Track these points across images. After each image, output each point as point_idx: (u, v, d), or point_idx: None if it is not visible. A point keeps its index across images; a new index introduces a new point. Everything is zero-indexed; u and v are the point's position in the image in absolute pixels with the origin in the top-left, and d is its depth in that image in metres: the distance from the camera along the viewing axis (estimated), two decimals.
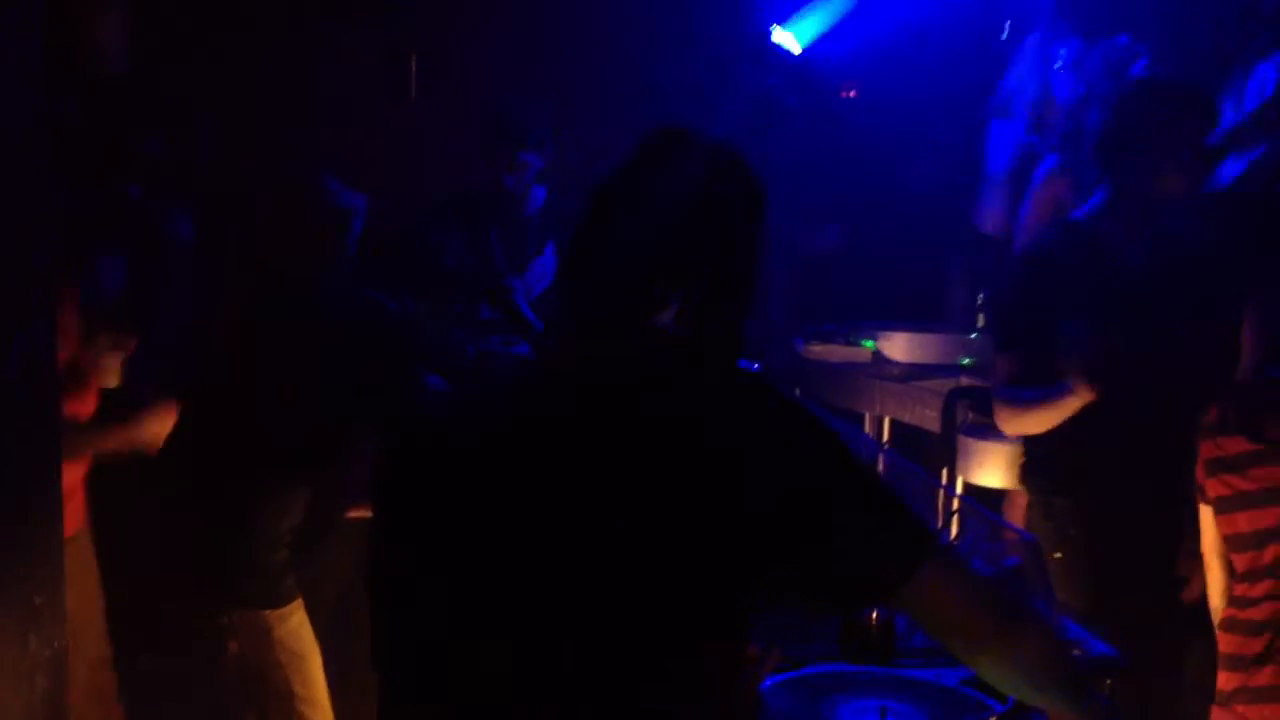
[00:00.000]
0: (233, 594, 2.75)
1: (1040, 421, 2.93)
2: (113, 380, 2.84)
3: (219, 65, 4.00)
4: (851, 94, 5.38)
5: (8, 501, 1.95)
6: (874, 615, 2.10)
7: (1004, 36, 4.26)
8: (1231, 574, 2.55)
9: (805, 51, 4.57)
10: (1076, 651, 2.20)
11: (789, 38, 4.49)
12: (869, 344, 4.41)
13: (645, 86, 4.56)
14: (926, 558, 1.46)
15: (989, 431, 3.43)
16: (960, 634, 1.53)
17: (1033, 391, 2.92)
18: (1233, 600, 2.53)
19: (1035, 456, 3.13)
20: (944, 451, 3.69)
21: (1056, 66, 3.98)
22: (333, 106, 4.43)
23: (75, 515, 2.77)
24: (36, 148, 1.93)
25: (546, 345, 1.62)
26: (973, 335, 4.36)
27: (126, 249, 2.87)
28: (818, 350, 4.42)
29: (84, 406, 2.67)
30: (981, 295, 4.42)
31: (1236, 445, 2.47)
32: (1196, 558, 2.72)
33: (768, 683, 1.91)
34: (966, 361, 4.20)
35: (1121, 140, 2.94)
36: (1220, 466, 2.50)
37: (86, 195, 2.78)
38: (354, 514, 2.89)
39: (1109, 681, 2.20)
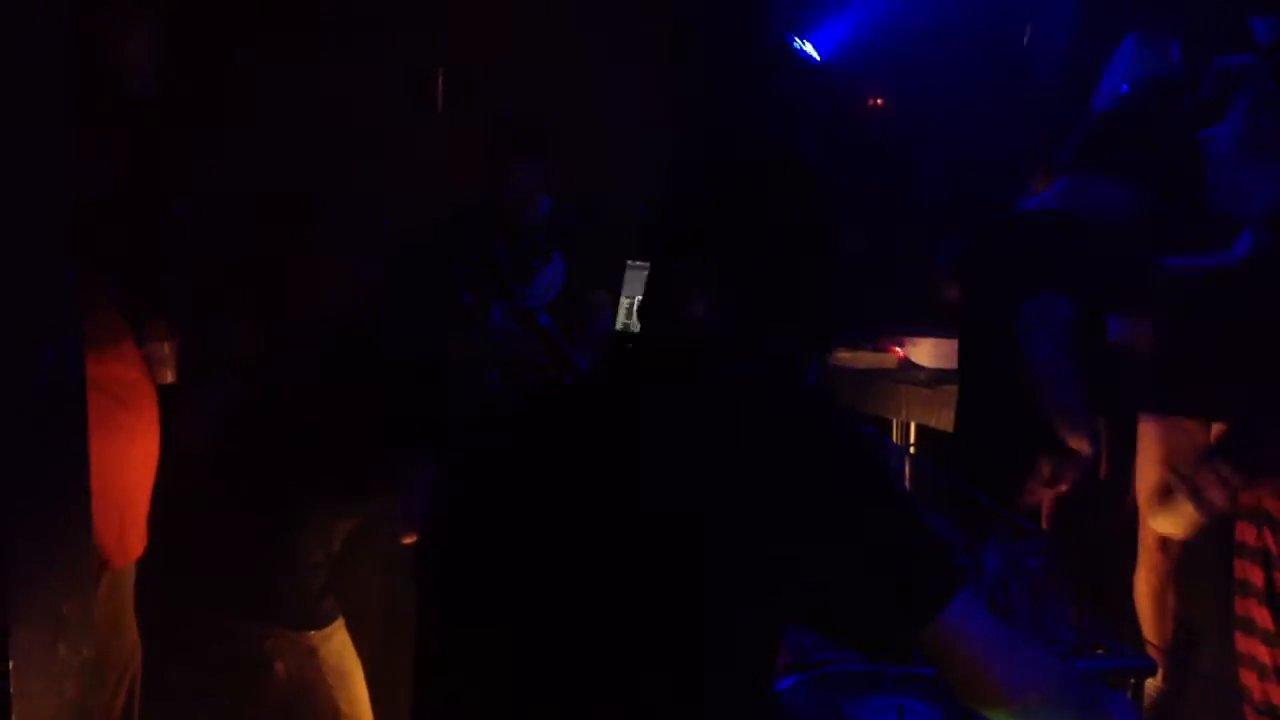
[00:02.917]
0: (275, 618, 2.80)
1: None
2: (170, 375, 2.88)
3: (245, 81, 4.04)
4: (879, 102, 5.38)
5: (38, 511, 1.98)
6: None
7: (1025, 40, 4.26)
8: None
9: (828, 59, 4.59)
10: (1100, 650, 2.20)
11: (809, 46, 4.50)
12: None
13: (666, 96, 4.59)
14: (946, 602, 1.44)
15: None
16: (971, 688, 1.53)
17: None
18: None
19: None
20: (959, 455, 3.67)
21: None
22: (360, 123, 4.47)
23: (140, 539, 2.82)
24: (58, 162, 1.97)
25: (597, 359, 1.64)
26: None
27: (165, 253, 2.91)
28: (845, 357, 4.42)
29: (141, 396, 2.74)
30: None
31: None
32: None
33: (786, 682, 1.92)
34: None
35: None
36: None
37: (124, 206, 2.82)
38: (405, 540, 2.92)
39: (1133, 680, 2.20)
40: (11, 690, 1.82)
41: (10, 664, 1.82)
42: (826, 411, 1.48)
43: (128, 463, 2.74)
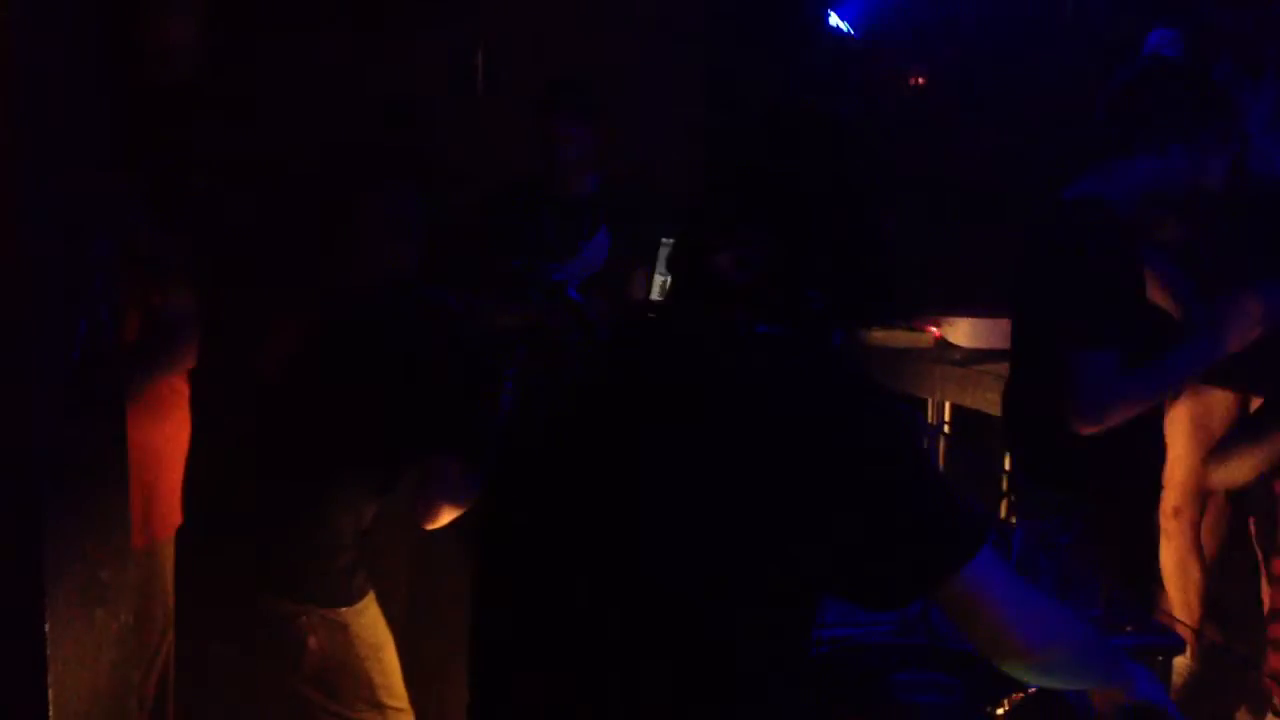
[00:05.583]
0: (309, 595, 2.84)
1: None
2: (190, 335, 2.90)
3: (285, 61, 4.06)
4: (920, 81, 5.36)
5: (77, 480, 2.02)
6: None
7: (1066, 16, 4.23)
8: None
9: (866, 36, 4.57)
10: (1129, 628, 2.20)
11: (845, 23, 4.49)
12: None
13: (704, 73, 4.59)
14: (968, 557, 1.45)
15: None
16: (990, 641, 1.54)
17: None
18: None
19: None
20: (1004, 435, 3.67)
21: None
22: (399, 102, 4.49)
23: (168, 519, 2.86)
24: (95, 140, 2.00)
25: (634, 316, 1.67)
26: None
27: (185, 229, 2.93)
28: (880, 336, 4.41)
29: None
30: None
31: None
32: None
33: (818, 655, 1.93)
34: None
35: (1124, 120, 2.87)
36: None
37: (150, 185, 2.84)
38: (426, 527, 2.94)
39: (1160, 658, 2.19)
40: (48, 655, 1.86)
41: (47, 628, 1.86)
42: (850, 374, 1.50)
43: (150, 440, 2.77)
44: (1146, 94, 2.73)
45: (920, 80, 5.33)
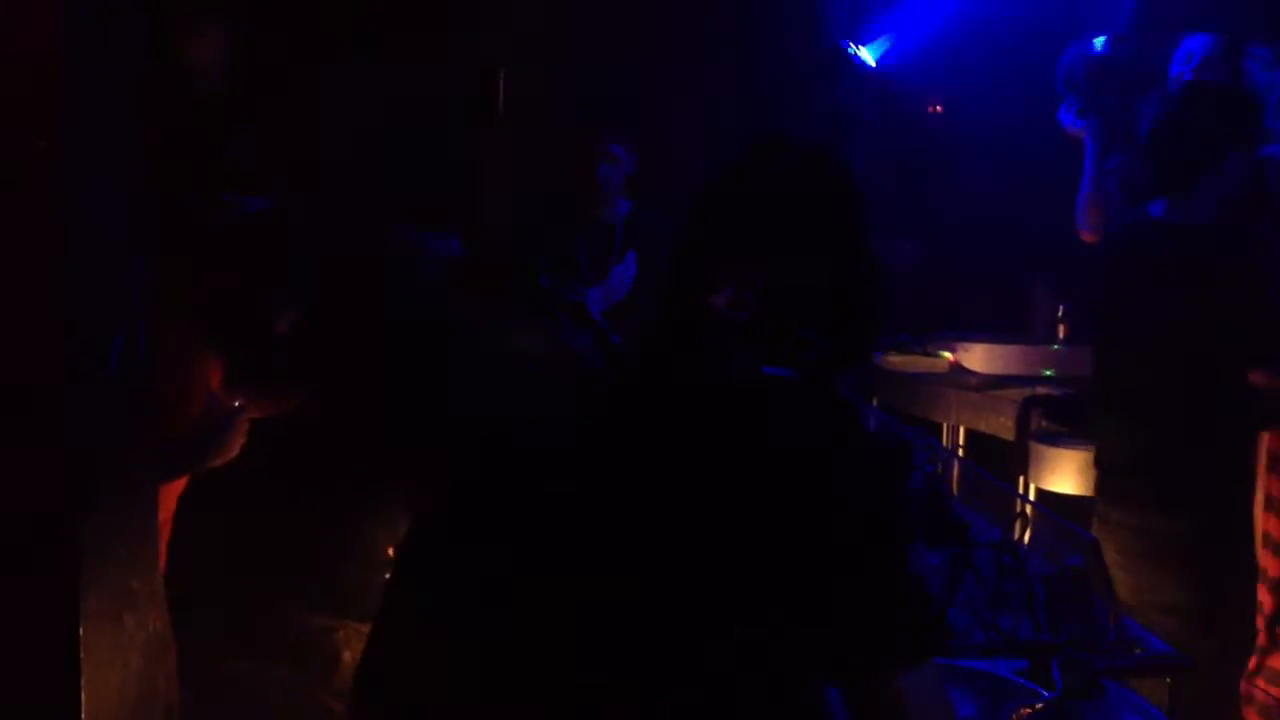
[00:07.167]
0: (344, 610, 2.88)
1: None
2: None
3: (312, 82, 4.12)
4: (938, 109, 5.40)
5: (108, 490, 2.06)
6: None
7: None
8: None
9: (883, 65, 4.61)
10: (1138, 650, 2.22)
11: (864, 51, 4.53)
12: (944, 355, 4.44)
13: (722, 100, 4.63)
14: (919, 658, 1.38)
15: (1060, 438, 3.46)
16: None
17: None
18: None
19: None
20: (1018, 459, 3.72)
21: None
22: (422, 123, 4.54)
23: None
24: (133, 154, 2.05)
25: (616, 348, 1.64)
26: (1055, 347, 4.37)
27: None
28: (896, 361, 4.44)
29: None
30: (1063, 307, 4.42)
31: None
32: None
33: None
34: (1049, 373, 4.22)
35: (1173, 141, 2.97)
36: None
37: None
38: None
39: (1169, 680, 2.21)
40: (81, 657, 1.90)
41: (81, 632, 1.90)
42: (843, 429, 1.45)
43: None
44: (1203, 114, 2.87)
45: (938, 108, 5.38)
